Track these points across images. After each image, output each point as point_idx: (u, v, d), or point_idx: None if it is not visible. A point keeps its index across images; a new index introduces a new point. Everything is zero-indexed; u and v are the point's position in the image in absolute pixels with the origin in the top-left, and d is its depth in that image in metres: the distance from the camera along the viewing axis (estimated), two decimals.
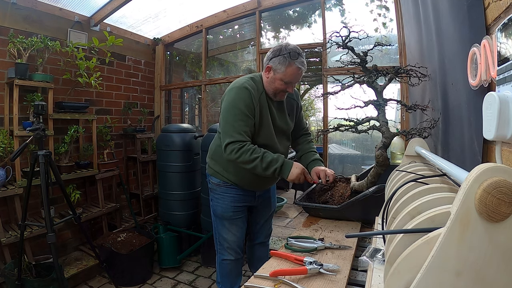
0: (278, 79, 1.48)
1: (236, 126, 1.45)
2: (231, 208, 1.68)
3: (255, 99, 1.48)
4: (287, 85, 1.48)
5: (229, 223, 1.71)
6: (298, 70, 1.46)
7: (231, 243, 1.73)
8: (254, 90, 1.50)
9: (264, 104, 1.52)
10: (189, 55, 4.17)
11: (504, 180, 0.37)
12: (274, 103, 1.58)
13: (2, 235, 2.13)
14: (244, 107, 1.45)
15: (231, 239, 1.72)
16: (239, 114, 1.45)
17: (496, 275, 0.39)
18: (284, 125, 1.64)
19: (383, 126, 1.37)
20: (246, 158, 1.42)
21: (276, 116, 1.58)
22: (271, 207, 1.91)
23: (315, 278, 0.96)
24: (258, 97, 1.51)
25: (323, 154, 2.93)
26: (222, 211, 1.69)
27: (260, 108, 1.50)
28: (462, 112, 0.98)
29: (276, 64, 1.47)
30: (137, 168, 3.35)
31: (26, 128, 2.18)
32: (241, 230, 1.75)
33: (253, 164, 1.42)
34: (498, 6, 0.69)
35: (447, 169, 0.69)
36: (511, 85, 0.59)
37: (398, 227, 0.61)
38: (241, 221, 1.73)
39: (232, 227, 1.71)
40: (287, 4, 3.20)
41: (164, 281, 2.60)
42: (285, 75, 1.46)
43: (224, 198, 1.68)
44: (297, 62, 1.45)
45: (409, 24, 2.11)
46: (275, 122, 1.58)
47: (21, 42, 2.30)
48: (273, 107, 1.57)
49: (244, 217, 1.76)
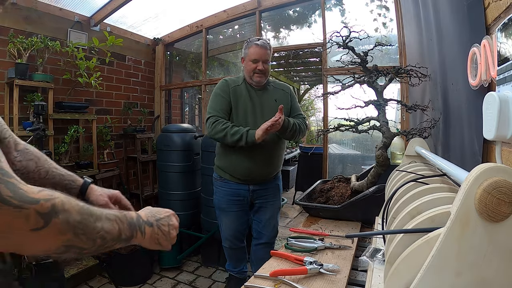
0: (247, 61, 1.79)
1: (213, 105, 1.77)
2: (226, 201, 1.87)
3: (230, 86, 1.80)
4: (256, 63, 1.76)
5: (224, 215, 1.91)
6: (257, 46, 1.76)
7: (225, 232, 1.94)
8: (231, 81, 1.84)
9: (241, 92, 1.80)
10: (189, 55, 4.17)
11: (504, 180, 0.37)
12: (257, 92, 1.83)
13: None
14: (220, 91, 1.79)
15: (225, 229, 1.93)
16: (216, 96, 1.79)
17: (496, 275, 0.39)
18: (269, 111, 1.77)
19: (384, 126, 1.37)
20: (218, 128, 1.68)
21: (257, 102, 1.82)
22: (273, 205, 1.93)
23: (315, 278, 0.96)
24: (234, 86, 1.81)
25: (323, 154, 2.93)
26: (218, 202, 1.92)
27: (235, 94, 1.79)
28: (462, 112, 0.98)
29: (244, 52, 1.83)
30: (137, 168, 3.35)
31: (26, 128, 2.18)
32: (236, 223, 1.91)
33: (224, 133, 1.67)
34: (498, 6, 0.69)
35: (447, 169, 0.69)
36: (511, 85, 0.59)
37: (398, 227, 0.61)
38: (236, 214, 1.89)
39: (226, 218, 1.91)
40: (287, 4, 3.20)
41: (164, 281, 2.60)
42: (250, 55, 1.77)
43: (220, 191, 1.90)
44: (255, 42, 1.77)
45: (409, 24, 2.11)
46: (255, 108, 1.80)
47: (21, 42, 2.30)
48: (255, 95, 1.82)
49: (241, 212, 1.90)
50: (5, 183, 0.42)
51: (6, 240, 0.42)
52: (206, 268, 2.81)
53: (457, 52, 0.98)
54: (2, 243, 0.43)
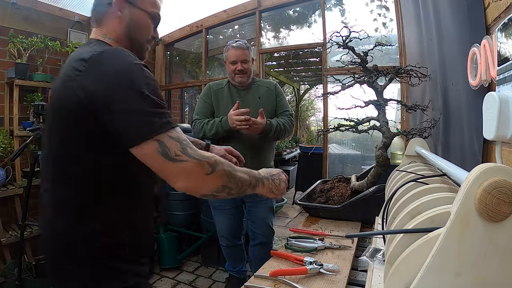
0: (228, 64, 1.89)
1: (196, 110, 1.95)
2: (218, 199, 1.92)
3: (212, 90, 1.93)
4: (235, 64, 1.85)
5: (218, 213, 1.98)
6: (233, 48, 1.86)
7: (221, 230, 2.00)
8: (214, 85, 1.96)
9: (222, 94, 1.91)
10: (189, 55, 4.17)
11: (504, 180, 0.37)
12: (240, 92, 1.91)
13: (2, 235, 2.13)
14: (203, 96, 1.95)
15: (221, 227, 2.00)
16: (199, 101, 1.97)
17: (496, 275, 0.39)
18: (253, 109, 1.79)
19: (384, 126, 1.37)
20: (197, 128, 1.85)
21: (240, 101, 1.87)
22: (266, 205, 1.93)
23: (315, 278, 0.96)
24: (216, 89, 1.93)
25: (323, 154, 2.93)
26: (211, 201, 2.01)
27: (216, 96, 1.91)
28: (462, 112, 0.98)
29: (224, 56, 1.93)
30: None
31: (26, 128, 2.18)
32: (231, 220, 1.96)
33: (203, 130, 1.81)
34: (498, 6, 0.69)
35: (447, 169, 0.69)
36: (511, 85, 0.59)
37: (398, 227, 0.61)
38: (230, 212, 1.94)
39: (221, 216, 1.97)
40: (287, 4, 3.20)
41: (164, 281, 2.60)
42: (229, 57, 1.87)
43: None
44: (231, 45, 1.86)
45: (409, 24, 2.11)
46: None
47: (21, 42, 2.31)
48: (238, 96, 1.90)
49: (234, 209, 1.95)
50: (191, 148, 0.71)
51: (188, 183, 0.70)
52: (206, 268, 2.81)
53: (457, 52, 0.98)
54: (184, 184, 0.70)
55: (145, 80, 0.71)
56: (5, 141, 2.19)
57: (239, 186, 0.78)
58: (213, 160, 0.72)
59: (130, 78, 0.70)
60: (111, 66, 0.70)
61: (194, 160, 0.69)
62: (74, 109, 0.69)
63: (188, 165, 0.69)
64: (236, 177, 0.77)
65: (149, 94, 0.69)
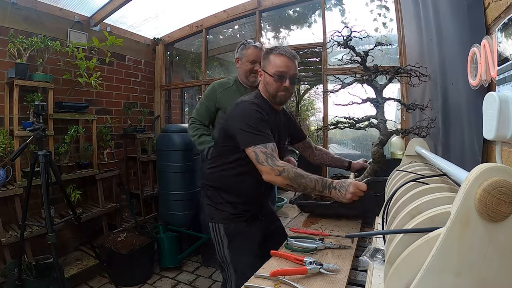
0: (245, 61, 1.87)
1: (196, 112, 2.00)
2: None
3: (218, 92, 1.93)
4: (253, 64, 1.85)
5: None
6: (255, 48, 1.86)
7: None
8: (220, 86, 1.95)
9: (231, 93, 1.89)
10: (189, 55, 4.17)
11: (504, 180, 0.37)
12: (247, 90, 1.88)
13: (2, 235, 2.13)
14: (205, 98, 1.98)
15: None
16: (201, 104, 1.99)
17: (496, 275, 0.39)
18: None
19: (381, 124, 1.37)
20: (190, 133, 1.96)
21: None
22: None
23: (315, 278, 0.96)
24: (223, 90, 1.93)
25: None
26: None
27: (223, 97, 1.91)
28: (462, 112, 0.98)
29: (240, 53, 1.90)
30: (137, 168, 3.35)
31: (26, 128, 2.18)
32: None
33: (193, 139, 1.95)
34: (498, 6, 0.69)
35: (447, 169, 0.69)
36: (511, 85, 0.59)
37: (398, 227, 0.61)
38: None
39: None
40: (287, 4, 3.19)
41: (164, 281, 2.60)
42: (248, 56, 1.86)
43: None
44: (253, 44, 1.87)
45: (409, 24, 2.11)
46: None
47: (21, 42, 2.30)
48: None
49: None
50: (271, 159, 1.20)
51: (266, 178, 1.21)
52: (206, 268, 2.81)
53: (457, 52, 0.98)
54: (265, 178, 1.22)
55: (254, 115, 1.27)
56: (5, 141, 2.19)
57: (301, 188, 1.20)
58: (281, 168, 1.18)
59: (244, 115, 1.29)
60: (239, 108, 1.34)
61: (269, 166, 1.19)
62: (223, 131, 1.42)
63: (266, 168, 1.20)
64: (299, 181, 1.18)
65: (251, 125, 1.25)
